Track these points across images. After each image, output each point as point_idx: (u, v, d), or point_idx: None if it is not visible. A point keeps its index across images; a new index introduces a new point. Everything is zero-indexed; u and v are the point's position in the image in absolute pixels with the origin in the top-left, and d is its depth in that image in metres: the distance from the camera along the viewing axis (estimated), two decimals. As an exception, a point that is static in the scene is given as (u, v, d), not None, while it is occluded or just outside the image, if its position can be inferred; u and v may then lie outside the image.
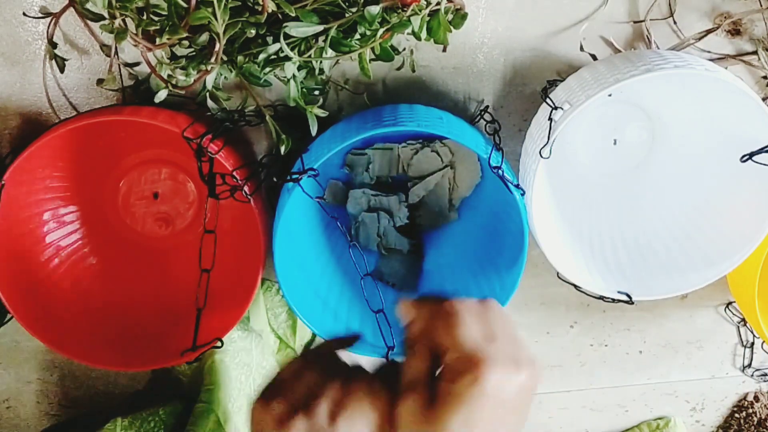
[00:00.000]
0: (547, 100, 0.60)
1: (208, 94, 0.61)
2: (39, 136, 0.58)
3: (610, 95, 0.67)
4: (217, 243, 0.63)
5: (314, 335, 0.76)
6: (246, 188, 0.58)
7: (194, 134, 0.57)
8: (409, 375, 0.40)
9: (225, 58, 0.56)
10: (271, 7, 0.52)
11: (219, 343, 0.63)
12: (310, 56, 0.55)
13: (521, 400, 0.38)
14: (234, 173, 0.58)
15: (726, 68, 0.65)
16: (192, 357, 0.63)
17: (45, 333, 0.62)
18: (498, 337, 0.39)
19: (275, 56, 0.56)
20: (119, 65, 0.63)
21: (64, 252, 0.67)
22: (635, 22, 0.67)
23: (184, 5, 0.51)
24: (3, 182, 0.57)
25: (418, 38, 0.56)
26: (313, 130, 0.60)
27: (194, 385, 0.72)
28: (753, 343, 0.86)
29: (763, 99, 0.68)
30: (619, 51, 0.68)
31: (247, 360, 0.71)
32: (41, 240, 0.65)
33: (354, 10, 0.54)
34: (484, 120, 0.67)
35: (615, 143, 0.71)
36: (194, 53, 0.57)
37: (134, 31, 0.53)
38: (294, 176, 0.56)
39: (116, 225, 0.70)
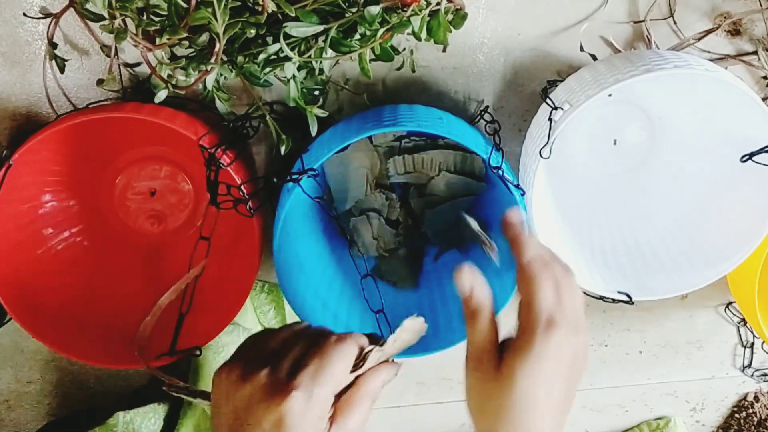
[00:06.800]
0: (547, 100, 0.60)
1: (215, 95, 0.61)
2: (39, 130, 0.57)
3: (610, 95, 0.67)
4: (210, 247, 0.63)
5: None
6: (250, 203, 0.58)
7: (196, 134, 0.57)
8: (479, 341, 0.44)
9: (225, 59, 0.56)
10: (271, 7, 0.52)
11: (198, 352, 0.62)
12: (310, 56, 0.55)
13: (577, 361, 0.44)
14: (242, 187, 0.58)
15: (726, 68, 0.65)
16: (168, 362, 0.62)
17: (41, 331, 0.62)
18: (566, 303, 0.44)
19: (275, 56, 0.56)
20: (119, 65, 0.63)
21: (60, 246, 0.67)
22: (635, 22, 0.67)
23: (184, 5, 0.51)
24: (11, 162, 0.57)
25: (418, 38, 0.56)
26: (313, 130, 0.60)
27: (186, 381, 0.72)
28: (753, 343, 0.86)
29: (763, 99, 0.68)
30: (619, 51, 0.68)
31: None
32: (37, 233, 0.65)
33: (354, 10, 0.54)
34: (484, 120, 0.67)
35: (615, 143, 0.71)
36: (194, 53, 0.57)
37: (134, 32, 0.53)
38: (294, 176, 0.56)
39: (110, 219, 0.70)
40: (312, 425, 0.39)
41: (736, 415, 0.91)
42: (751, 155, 0.59)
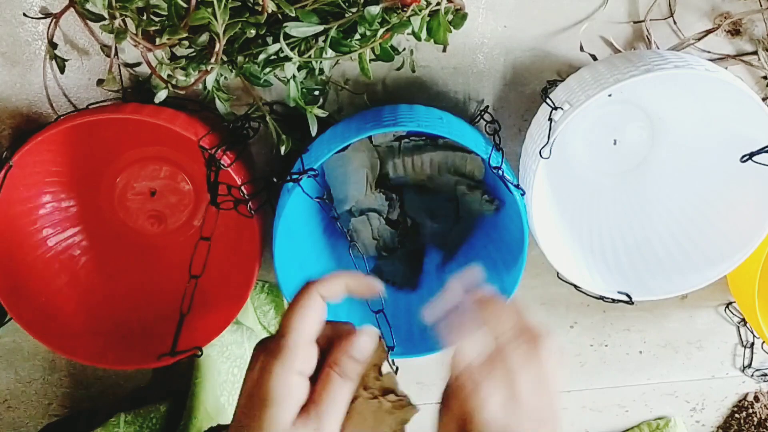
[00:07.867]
0: (547, 100, 0.60)
1: (215, 95, 0.61)
2: (39, 131, 0.57)
3: (610, 95, 0.67)
4: (211, 247, 0.63)
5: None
6: (250, 204, 0.58)
7: (197, 135, 0.57)
8: None
9: (225, 59, 0.56)
10: (271, 7, 0.52)
11: (199, 352, 0.62)
12: (310, 56, 0.55)
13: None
14: (242, 188, 0.58)
15: (726, 68, 0.65)
16: (170, 362, 0.62)
17: (41, 331, 0.62)
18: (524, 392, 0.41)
19: (275, 56, 0.56)
20: (119, 65, 0.63)
21: (60, 246, 0.67)
22: (635, 22, 0.67)
23: (184, 5, 0.51)
24: (11, 164, 0.57)
25: (418, 38, 0.56)
26: (313, 131, 0.60)
27: (189, 379, 0.72)
28: (753, 343, 0.86)
29: (763, 99, 0.68)
30: (619, 51, 0.68)
31: (238, 352, 0.71)
32: (37, 234, 0.65)
33: (354, 10, 0.54)
34: (484, 120, 0.67)
35: (615, 143, 0.71)
36: (194, 53, 0.57)
37: (134, 32, 0.53)
38: (294, 176, 0.56)
39: (111, 219, 0.70)
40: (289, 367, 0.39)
41: (736, 415, 0.91)
42: (751, 155, 0.59)
